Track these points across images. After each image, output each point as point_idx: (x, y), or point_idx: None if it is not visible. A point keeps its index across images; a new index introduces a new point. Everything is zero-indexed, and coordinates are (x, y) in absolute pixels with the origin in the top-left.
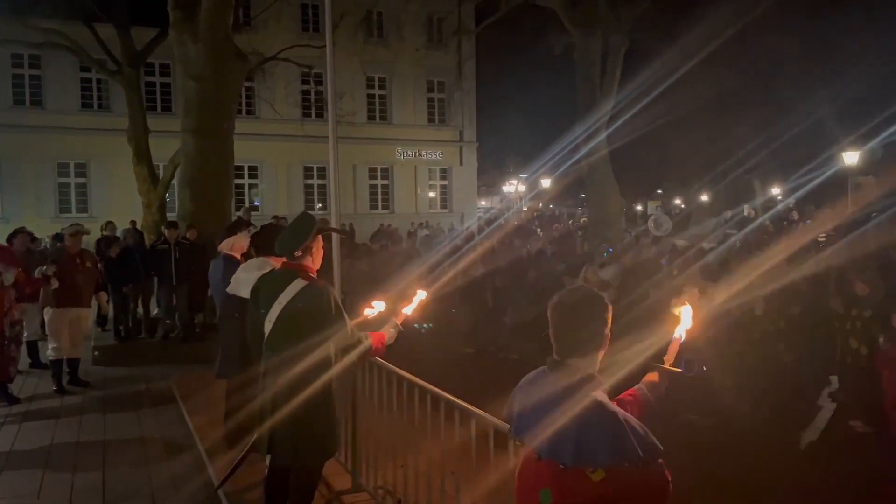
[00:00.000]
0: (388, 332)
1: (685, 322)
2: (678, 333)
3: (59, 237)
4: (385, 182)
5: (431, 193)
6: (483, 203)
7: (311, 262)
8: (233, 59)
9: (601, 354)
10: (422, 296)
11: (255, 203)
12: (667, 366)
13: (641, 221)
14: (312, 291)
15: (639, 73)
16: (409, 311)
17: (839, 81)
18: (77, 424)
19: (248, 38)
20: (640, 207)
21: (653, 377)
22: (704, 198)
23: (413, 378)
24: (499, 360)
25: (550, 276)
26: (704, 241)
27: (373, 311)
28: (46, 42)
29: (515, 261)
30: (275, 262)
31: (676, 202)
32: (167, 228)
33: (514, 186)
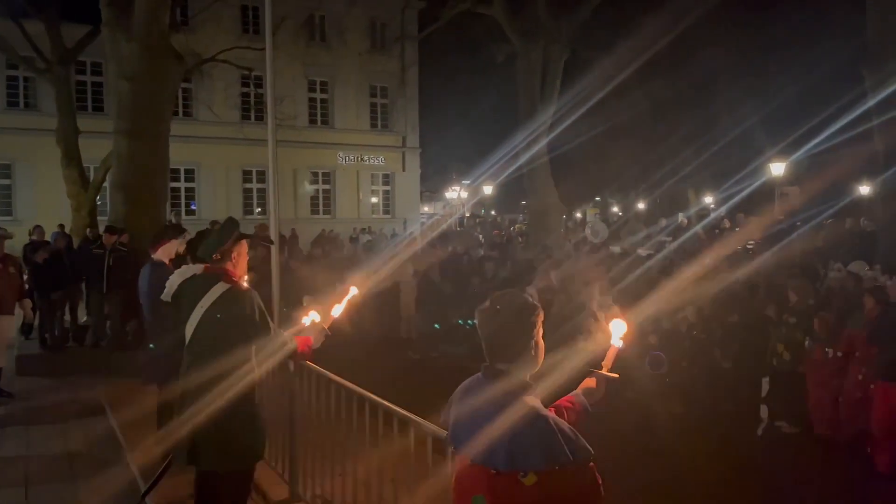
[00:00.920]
0: (315, 336)
1: (621, 331)
2: (616, 341)
3: None
4: (326, 187)
5: (374, 199)
6: (426, 209)
7: (233, 267)
8: (168, 60)
9: (537, 360)
10: (353, 293)
11: (192, 207)
12: (604, 371)
13: (581, 229)
14: (233, 295)
15: (578, 83)
16: (338, 313)
17: (766, 94)
18: None
19: (186, 39)
20: (580, 215)
21: (590, 383)
22: (641, 205)
23: (351, 386)
24: (441, 367)
25: (494, 282)
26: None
27: (309, 321)
28: None
29: (459, 267)
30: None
31: (615, 210)
32: (105, 233)
33: (457, 193)
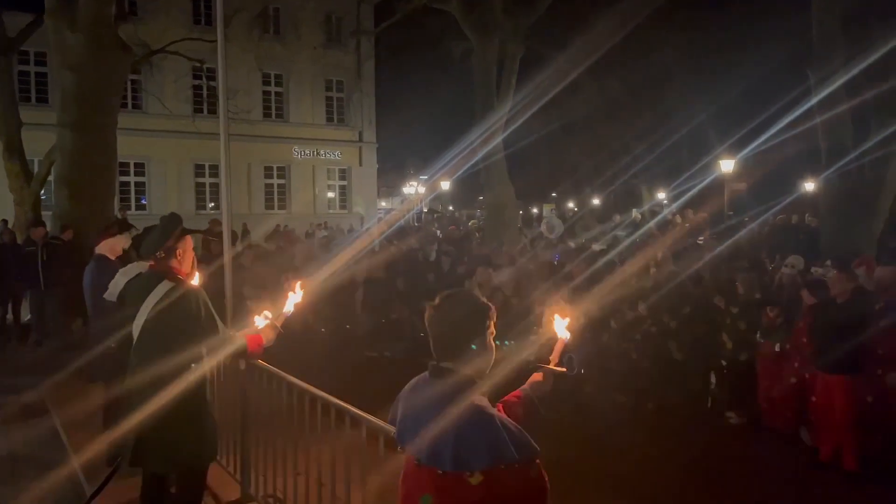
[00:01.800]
0: (266, 334)
1: (564, 326)
2: (562, 334)
3: None
4: (281, 181)
5: (330, 194)
6: (383, 204)
7: (178, 264)
8: (115, 51)
9: (486, 359)
10: (298, 297)
11: (143, 201)
12: (552, 366)
13: (536, 224)
14: (179, 293)
15: (534, 79)
16: (290, 310)
17: (716, 92)
18: None
19: (135, 29)
20: (536, 210)
21: (538, 377)
22: (596, 202)
23: (303, 384)
24: (397, 364)
25: (450, 278)
26: (595, 244)
27: (262, 320)
28: None
29: (415, 263)
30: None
31: (570, 205)
32: (32, 227)
33: (415, 188)
